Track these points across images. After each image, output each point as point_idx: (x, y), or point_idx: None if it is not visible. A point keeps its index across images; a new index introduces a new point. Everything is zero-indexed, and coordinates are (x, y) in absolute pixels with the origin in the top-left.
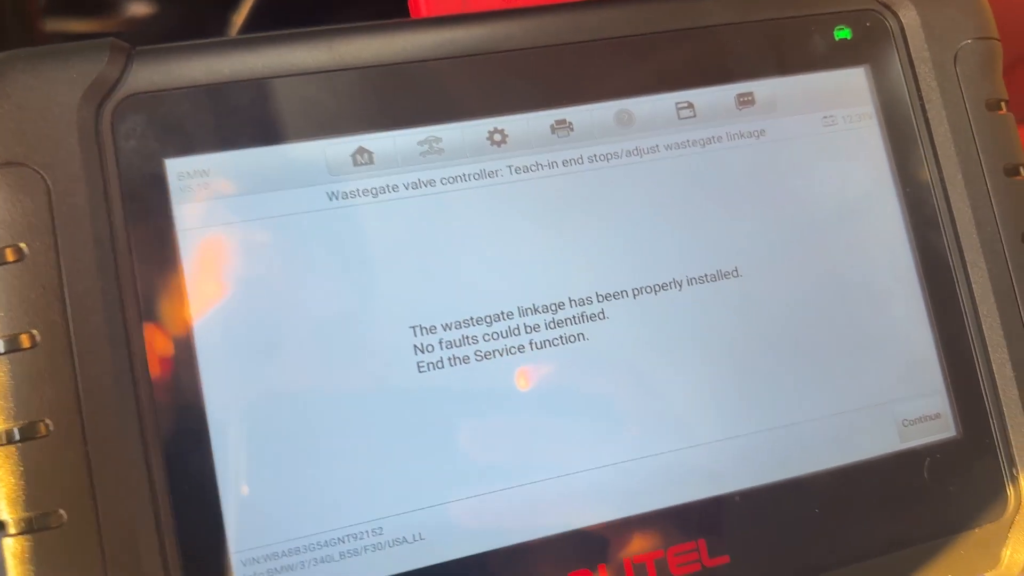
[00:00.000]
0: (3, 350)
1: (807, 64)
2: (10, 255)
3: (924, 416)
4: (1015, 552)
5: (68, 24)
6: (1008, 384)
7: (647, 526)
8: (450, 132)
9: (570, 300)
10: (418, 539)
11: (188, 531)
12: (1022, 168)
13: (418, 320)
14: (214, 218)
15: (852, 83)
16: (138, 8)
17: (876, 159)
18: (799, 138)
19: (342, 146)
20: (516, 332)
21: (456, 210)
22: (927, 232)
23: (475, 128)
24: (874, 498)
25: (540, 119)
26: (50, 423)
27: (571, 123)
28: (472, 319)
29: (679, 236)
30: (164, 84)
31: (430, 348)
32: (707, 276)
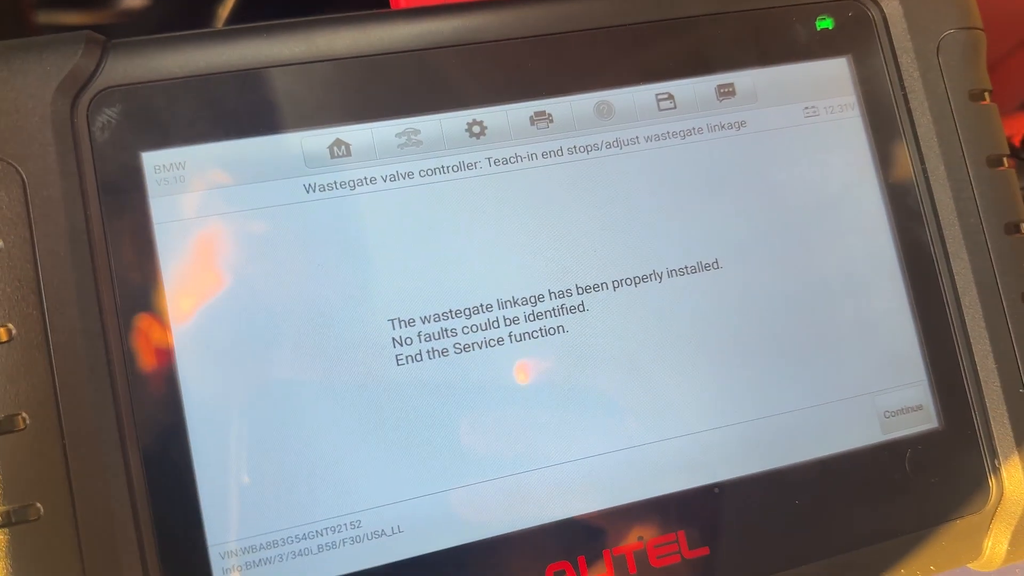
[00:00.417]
0: None
1: (788, 54)
2: None
3: (906, 407)
4: (997, 543)
5: (60, 16)
6: (990, 375)
7: (627, 518)
8: (428, 124)
9: (550, 292)
10: (397, 532)
11: (165, 524)
12: (1005, 159)
13: (396, 313)
14: (190, 211)
15: (834, 73)
16: (130, 0)
17: (858, 150)
18: (780, 129)
19: (319, 138)
20: (495, 325)
21: (435, 203)
22: (909, 223)
23: (454, 120)
24: (855, 490)
25: (519, 111)
26: (27, 416)
27: (551, 115)
28: (451, 312)
29: (659, 228)
30: (140, 77)
31: (408, 341)
32: (687, 268)
